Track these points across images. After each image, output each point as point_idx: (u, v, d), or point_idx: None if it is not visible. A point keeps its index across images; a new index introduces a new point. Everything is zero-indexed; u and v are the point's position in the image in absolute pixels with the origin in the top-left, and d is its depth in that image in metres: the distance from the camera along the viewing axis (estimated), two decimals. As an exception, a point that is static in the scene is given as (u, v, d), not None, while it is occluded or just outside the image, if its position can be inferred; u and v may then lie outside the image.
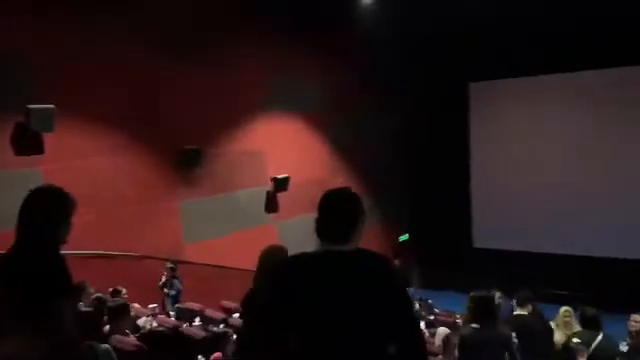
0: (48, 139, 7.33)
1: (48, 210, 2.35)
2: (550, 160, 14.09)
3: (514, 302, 6.69)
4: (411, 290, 9.93)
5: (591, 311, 5.49)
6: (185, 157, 9.33)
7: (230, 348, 4.41)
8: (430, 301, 9.71)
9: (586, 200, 13.54)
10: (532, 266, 13.85)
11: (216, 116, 10.05)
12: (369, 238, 10.77)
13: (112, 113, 8.29)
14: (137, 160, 8.75)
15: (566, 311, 6.17)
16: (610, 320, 6.48)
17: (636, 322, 6.19)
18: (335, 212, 2.23)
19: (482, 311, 4.35)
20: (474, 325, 4.34)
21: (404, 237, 15.00)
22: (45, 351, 2.14)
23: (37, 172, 7.29)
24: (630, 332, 6.24)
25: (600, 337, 5.10)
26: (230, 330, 5.43)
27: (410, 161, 15.42)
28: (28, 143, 7.21)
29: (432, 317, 9.24)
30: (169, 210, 9.22)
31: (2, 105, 6.94)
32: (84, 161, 7.91)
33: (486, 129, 15.14)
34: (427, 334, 7.86)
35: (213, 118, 9.99)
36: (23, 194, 2.29)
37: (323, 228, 2.21)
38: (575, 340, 5.15)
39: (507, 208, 14.72)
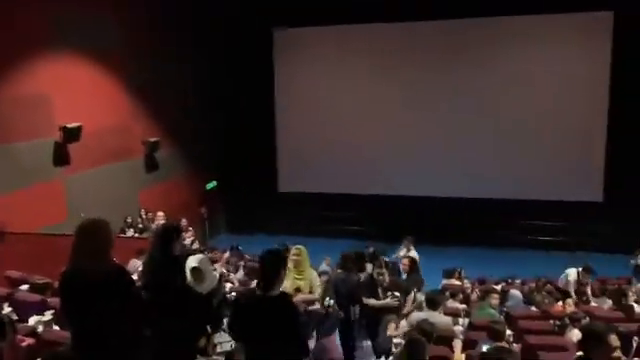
0: None
1: None
2: (353, 105, 15.01)
3: None
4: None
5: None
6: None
7: (10, 337, 3.86)
8: (240, 248, 9.82)
9: (388, 142, 14.81)
10: (336, 207, 15.00)
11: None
12: (175, 187, 10.60)
13: None
14: None
15: (297, 249, 5.53)
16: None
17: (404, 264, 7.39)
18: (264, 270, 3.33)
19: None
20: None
21: (211, 185, 14.85)
22: None
23: None
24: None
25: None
26: (9, 316, 4.79)
27: (216, 108, 15.11)
28: None
29: (242, 263, 9.42)
30: None
31: None
32: None
33: (291, 75, 15.46)
34: (237, 283, 7.99)
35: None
36: None
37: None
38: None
39: (310, 153, 15.47)
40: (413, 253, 9.23)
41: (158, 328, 3.36)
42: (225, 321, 4.48)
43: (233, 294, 6.35)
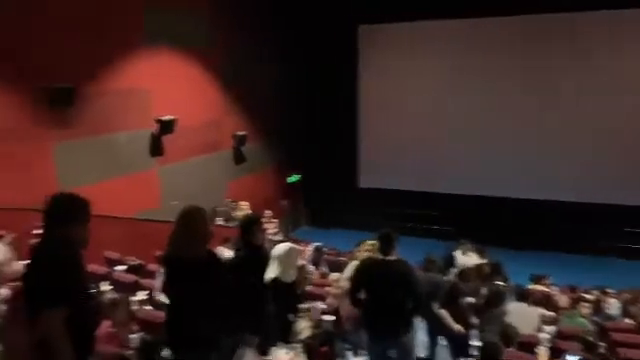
0: None
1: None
2: (436, 103, 14.74)
3: None
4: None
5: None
6: (56, 96, 8.44)
7: (122, 313, 4.17)
8: (320, 244, 9.76)
9: (471, 141, 14.43)
10: (417, 205, 14.79)
11: (92, 50, 9.10)
12: (261, 179, 10.85)
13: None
14: (3, 99, 7.77)
15: (371, 244, 5.41)
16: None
17: None
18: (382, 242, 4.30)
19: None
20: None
21: (294, 178, 15.15)
22: None
23: None
24: None
25: None
26: (117, 295, 5.15)
27: (302, 103, 15.38)
28: None
29: (324, 257, 9.43)
30: (41, 154, 8.41)
31: None
32: None
33: (375, 71, 15.41)
34: (316, 276, 8.08)
35: (89, 53, 9.05)
36: None
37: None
38: None
39: (391, 149, 15.35)
40: (474, 259, 8.35)
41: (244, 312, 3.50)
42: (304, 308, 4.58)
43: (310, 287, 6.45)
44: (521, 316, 5.21)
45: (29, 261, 2.71)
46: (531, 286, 8.58)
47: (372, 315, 4.14)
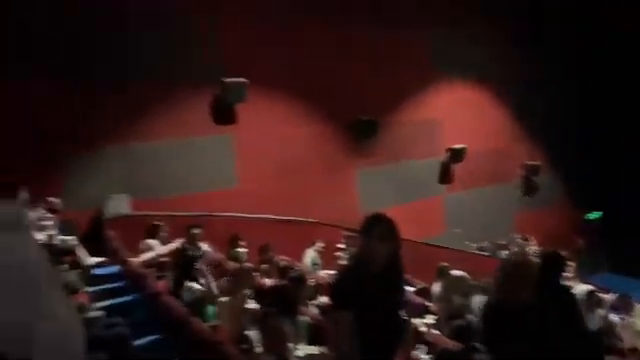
0: (241, 110, 7.98)
1: None
2: None
3: None
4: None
5: None
6: (361, 127, 9.46)
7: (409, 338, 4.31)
8: (629, 295, 8.25)
9: None
10: None
11: (390, 85, 9.98)
12: (552, 213, 10.09)
13: (296, 86, 8.70)
14: (319, 130, 9.12)
15: None
16: None
17: None
18: None
19: None
20: None
21: (595, 215, 13.51)
22: None
23: (231, 139, 8.05)
24: None
25: None
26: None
27: (605, 132, 13.73)
28: (223, 113, 7.96)
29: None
30: (348, 179, 9.52)
31: (202, 79, 7.70)
32: (273, 130, 8.47)
33: None
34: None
35: (387, 87, 9.94)
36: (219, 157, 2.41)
37: None
38: None
39: None
40: None
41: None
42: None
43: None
44: None
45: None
46: None
47: None
